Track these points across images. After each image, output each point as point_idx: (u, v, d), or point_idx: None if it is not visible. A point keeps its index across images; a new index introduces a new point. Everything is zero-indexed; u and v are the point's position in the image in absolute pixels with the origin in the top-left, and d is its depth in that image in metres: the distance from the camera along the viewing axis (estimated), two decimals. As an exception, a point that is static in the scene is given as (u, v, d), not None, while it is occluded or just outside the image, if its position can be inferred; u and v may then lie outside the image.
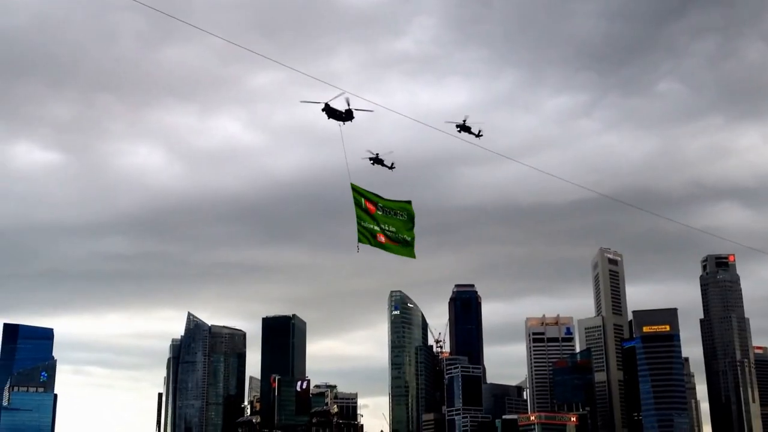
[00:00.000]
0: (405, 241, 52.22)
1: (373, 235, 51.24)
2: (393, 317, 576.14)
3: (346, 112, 72.24)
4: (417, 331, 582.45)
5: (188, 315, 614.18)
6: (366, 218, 50.83)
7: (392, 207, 52.09)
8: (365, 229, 50.86)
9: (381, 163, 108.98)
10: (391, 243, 51.82)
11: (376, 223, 51.26)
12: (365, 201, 51.08)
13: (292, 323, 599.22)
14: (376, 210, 51.28)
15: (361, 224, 50.69)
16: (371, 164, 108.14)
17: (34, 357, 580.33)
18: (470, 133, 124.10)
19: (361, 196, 51.11)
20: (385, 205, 51.67)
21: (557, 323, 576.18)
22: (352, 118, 73.12)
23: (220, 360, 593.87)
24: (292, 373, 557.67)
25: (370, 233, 51.12)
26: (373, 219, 51.17)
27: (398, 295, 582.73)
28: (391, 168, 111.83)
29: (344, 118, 72.30)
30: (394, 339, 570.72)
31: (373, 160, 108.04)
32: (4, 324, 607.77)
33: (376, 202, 51.46)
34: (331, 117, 72.23)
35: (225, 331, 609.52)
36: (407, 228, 52.43)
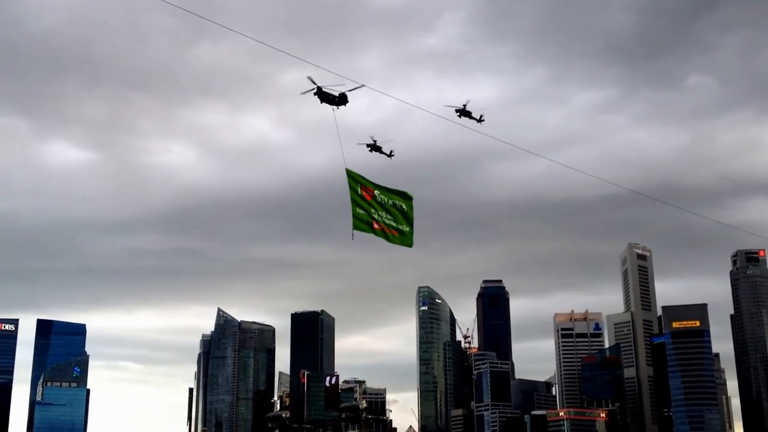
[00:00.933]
0: (402, 231, 50.29)
1: (369, 223, 49.31)
2: (421, 313, 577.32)
3: (339, 96, 70.29)
4: (445, 326, 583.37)
5: (218, 311, 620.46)
6: (363, 204, 49.11)
7: (390, 195, 50.36)
8: (361, 215, 49.06)
9: (379, 150, 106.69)
10: (388, 231, 49.97)
11: (373, 210, 49.44)
12: (361, 187, 49.40)
13: (320, 319, 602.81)
14: (373, 197, 49.57)
15: (357, 211, 48.91)
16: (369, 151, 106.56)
17: (67, 352, 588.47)
18: (471, 118, 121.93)
19: (356, 182, 49.32)
20: (382, 193, 49.95)
21: (586, 319, 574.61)
22: (346, 102, 70.68)
23: (249, 355, 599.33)
24: (321, 369, 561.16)
25: (366, 220, 49.25)
26: (370, 206, 49.37)
27: (426, 290, 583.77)
28: (389, 156, 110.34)
29: (338, 102, 70.27)
30: (422, 334, 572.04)
31: (371, 147, 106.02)
32: (38, 320, 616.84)
33: (374, 189, 49.79)
34: (324, 101, 70.40)
35: (254, 326, 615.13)
36: (405, 217, 50.52)
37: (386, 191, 50.17)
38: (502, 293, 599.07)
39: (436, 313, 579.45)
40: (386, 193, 50.10)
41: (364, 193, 49.11)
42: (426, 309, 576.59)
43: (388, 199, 50.08)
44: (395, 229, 49.97)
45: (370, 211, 49.20)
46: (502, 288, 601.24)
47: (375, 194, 49.53)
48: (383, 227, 49.54)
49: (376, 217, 49.32)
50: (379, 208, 49.56)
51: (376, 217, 49.38)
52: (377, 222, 49.31)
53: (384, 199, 49.83)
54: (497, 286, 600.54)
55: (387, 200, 49.97)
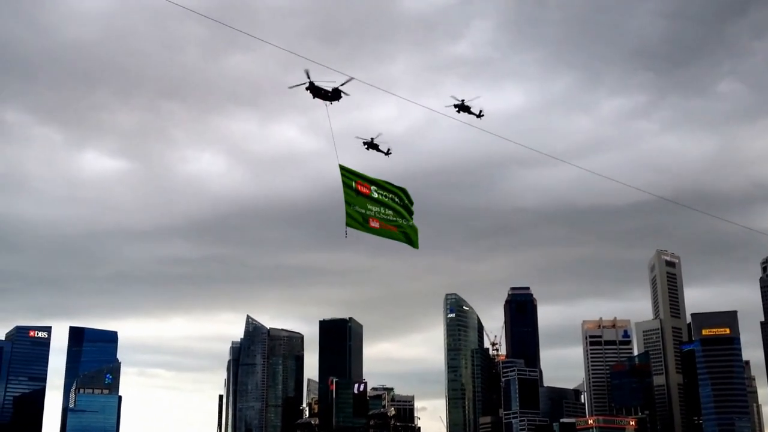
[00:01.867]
0: (403, 227, 48.42)
1: (366, 220, 46.79)
2: (449, 320, 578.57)
3: (333, 91, 68.19)
4: (473, 333, 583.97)
5: (247, 318, 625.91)
6: (357, 201, 46.68)
7: (389, 190, 48.32)
8: (356, 212, 46.53)
9: (376, 148, 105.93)
10: (386, 228, 47.62)
11: (370, 206, 47.12)
12: (356, 183, 46.99)
13: (348, 326, 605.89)
14: (370, 192, 47.29)
15: (351, 207, 46.38)
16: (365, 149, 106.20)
17: (99, 359, 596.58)
18: (470, 113, 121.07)
19: (351, 179, 46.94)
20: (380, 188, 47.86)
21: (614, 326, 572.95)
22: (340, 98, 68.59)
23: (278, 362, 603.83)
24: (349, 376, 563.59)
25: (361, 217, 46.67)
26: (366, 202, 47.00)
27: (453, 297, 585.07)
28: (387, 154, 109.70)
29: (330, 97, 68.28)
30: (450, 342, 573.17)
31: (368, 145, 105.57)
32: (70, 327, 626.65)
33: (371, 183, 47.54)
34: (317, 96, 68.23)
35: (283, 333, 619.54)
36: (406, 214, 48.74)
37: (384, 187, 48.45)
38: (530, 300, 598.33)
39: (463, 321, 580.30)
40: (384, 188, 48.38)
41: (360, 188, 47.25)
42: (453, 316, 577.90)
43: (387, 194, 48.35)
44: (395, 225, 48.17)
45: (366, 207, 47.22)
46: (529, 295, 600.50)
47: (372, 190, 47.66)
48: (381, 224, 47.55)
49: (372, 213, 47.25)
50: (376, 204, 47.53)
51: (373, 213, 47.29)
52: (374, 219, 47.32)
53: (382, 195, 48.04)
54: (525, 293, 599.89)
55: (386, 195, 48.21)
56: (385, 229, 47.76)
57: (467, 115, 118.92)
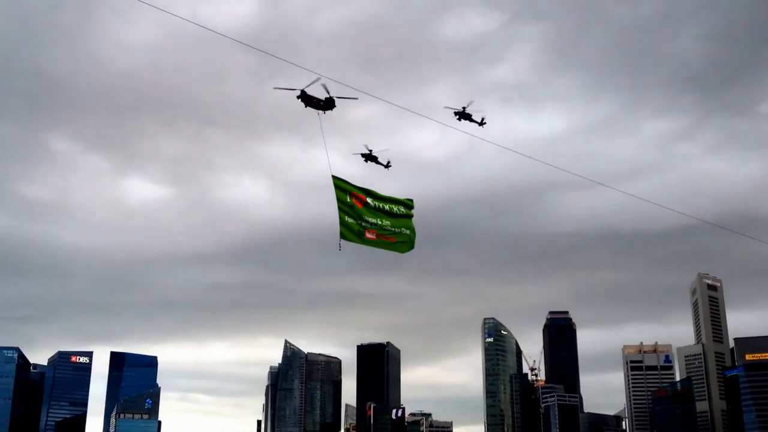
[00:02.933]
0: (400, 235, 46.55)
1: (361, 232, 44.98)
2: (487, 345, 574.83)
3: (326, 100, 65.54)
4: (511, 358, 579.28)
5: (285, 343, 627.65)
6: (352, 212, 45.02)
7: (386, 201, 46.36)
8: (351, 224, 44.86)
9: (375, 161, 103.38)
10: (383, 239, 45.71)
11: (365, 217, 45.37)
12: (351, 194, 45.31)
13: (386, 351, 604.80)
14: (364, 204, 45.53)
15: (346, 219, 44.70)
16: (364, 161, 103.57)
17: (140, 384, 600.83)
18: (472, 121, 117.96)
19: (345, 190, 45.25)
20: (376, 199, 45.96)
21: (656, 351, 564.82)
22: (333, 107, 65.73)
23: (316, 387, 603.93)
24: (387, 401, 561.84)
25: (356, 230, 44.86)
26: (361, 213, 45.29)
27: (492, 322, 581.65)
28: (386, 167, 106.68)
29: (323, 106, 65.58)
30: (488, 367, 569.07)
31: (366, 157, 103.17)
32: (112, 352, 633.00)
33: (365, 196, 45.79)
34: (309, 105, 65.75)
35: (321, 358, 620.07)
36: (404, 222, 46.71)
37: (381, 198, 46.62)
38: (569, 325, 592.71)
39: (502, 345, 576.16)
40: (381, 199, 46.53)
41: (355, 200, 45.50)
42: (492, 341, 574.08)
43: (384, 204, 46.46)
44: (392, 235, 46.36)
45: (362, 218, 45.40)
46: (568, 319, 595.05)
47: (367, 201, 45.86)
48: (378, 235, 45.78)
49: (368, 224, 45.58)
50: (372, 215, 45.80)
51: (369, 224, 45.62)
52: (370, 230, 45.60)
53: (378, 205, 46.18)
54: (564, 318, 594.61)
55: (382, 205, 46.34)
56: (381, 240, 46.17)
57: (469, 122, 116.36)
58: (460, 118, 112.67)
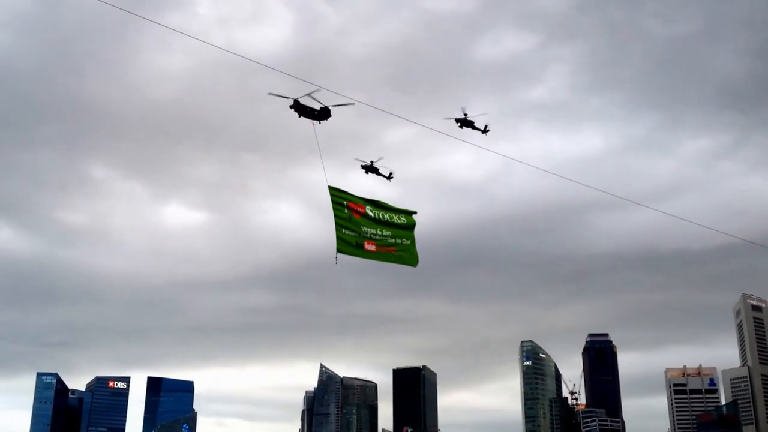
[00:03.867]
0: (403, 247, 44.85)
1: (360, 244, 43.29)
2: (525, 368, 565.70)
3: (321, 109, 64.15)
4: (550, 382, 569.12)
5: (320, 367, 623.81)
6: (350, 224, 43.22)
7: (387, 210, 44.81)
8: (348, 236, 43.01)
9: (376, 172, 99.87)
10: (384, 250, 44.07)
11: (365, 227, 43.66)
12: (349, 204, 43.50)
13: (422, 374, 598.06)
14: (364, 213, 43.83)
15: (343, 231, 42.83)
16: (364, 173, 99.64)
17: (176, 409, 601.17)
18: (474, 128, 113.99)
19: (342, 200, 43.47)
20: (376, 208, 44.28)
21: (700, 374, 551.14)
22: (328, 117, 64.48)
23: (352, 412, 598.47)
24: (424, 425, 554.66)
25: (354, 241, 43.12)
26: (360, 224, 43.58)
27: (529, 345, 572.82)
28: (389, 178, 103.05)
29: (318, 116, 64.20)
30: (527, 390, 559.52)
31: (367, 169, 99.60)
32: (149, 377, 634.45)
33: (365, 205, 44.04)
34: (303, 115, 64.13)
35: (357, 382, 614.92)
36: (405, 233, 44.95)
37: (382, 207, 44.86)
38: (609, 347, 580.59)
39: (540, 369, 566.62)
40: (382, 208, 44.79)
41: (353, 211, 43.79)
42: (530, 364, 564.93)
43: (384, 213, 44.68)
44: (393, 246, 44.58)
45: (361, 230, 43.58)
46: (608, 342, 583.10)
47: (366, 211, 44.15)
48: (377, 246, 44.03)
49: (368, 236, 43.80)
50: (371, 225, 44.05)
51: (369, 235, 43.87)
52: (369, 241, 43.79)
53: (378, 215, 44.41)
54: (604, 340, 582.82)
55: (382, 215, 44.53)
56: (382, 251, 44.41)
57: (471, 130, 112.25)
58: (462, 125, 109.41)
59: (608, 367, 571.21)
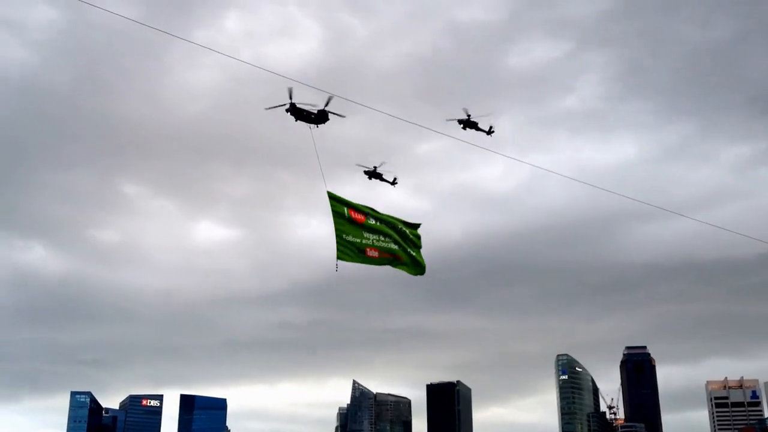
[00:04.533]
0: (409, 254, 42.69)
1: (361, 250, 41.64)
2: (561, 382, 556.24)
3: (318, 113, 63.51)
4: (588, 396, 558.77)
5: (353, 383, 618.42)
6: (351, 230, 41.42)
7: (390, 220, 42.77)
8: (349, 243, 41.16)
9: (379, 178, 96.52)
10: (387, 257, 42.44)
11: (366, 234, 41.90)
12: (349, 210, 41.66)
13: (456, 390, 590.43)
14: (365, 220, 41.89)
15: (343, 238, 40.99)
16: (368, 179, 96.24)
17: (209, 427, 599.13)
18: (479, 129, 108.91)
19: (342, 206, 41.63)
20: (379, 217, 42.30)
21: (741, 386, 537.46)
22: (326, 120, 63.61)
23: (386, 428, 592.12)
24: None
25: (356, 247, 41.46)
26: (362, 230, 41.92)
27: (565, 358, 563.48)
28: (393, 183, 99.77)
29: (315, 119, 63.78)
30: (563, 405, 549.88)
31: (370, 174, 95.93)
32: (182, 395, 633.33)
33: (367, 212, 42.13)
34: (300, 119, 63.97)
35: (390, 398, 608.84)
36: (410, 242, 42.84)
37: (382, 218, 42.86)
38: (647, 360, 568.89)
39: (577, 383, 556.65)
40: (383, 215, 42.91)
41: (354, 216, 41.91)
42: (566, 378, 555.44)
43: (387, 220, 42.82)
44: (397, 254, 42.74)
45: (362, 236, 41.83)
46: (646, 354, 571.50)
47: (368, 217, 42.34)
48: (380, 252, 42.18)
49: (370, 242, 41.98)
50: (374, 232, 42.31)
51: (371, 242, 42.03)
52: (372, 248, 41.94)
53: (380, 223, 42.54)
54: (641, 353, 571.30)
55: (385, 223, 42.70)
56: (384, 257, 42.61)
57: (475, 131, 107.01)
58: (465, 126, 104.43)
59: (647, 380, 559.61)
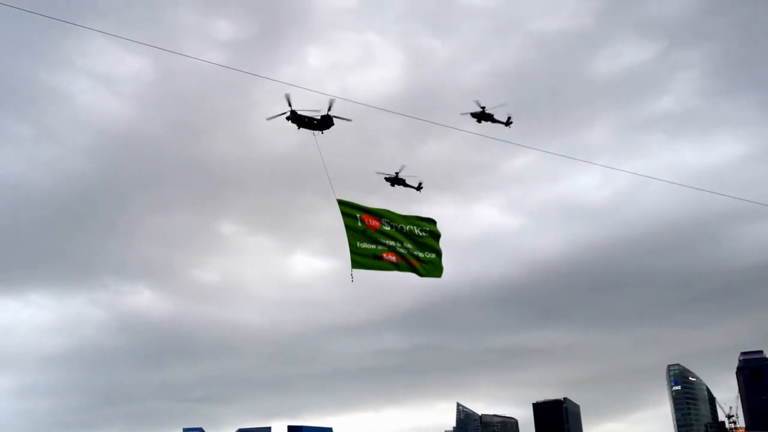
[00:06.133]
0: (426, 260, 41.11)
1: (377, 257, 40.66)
2: (674, 393, 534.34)
3: (321, 118, 62.00)
4: (704, 406, 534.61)
5: (457, 405, 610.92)
6: (365, 237, 40.24)
7: (405, 220, 41.32)
8: (364, 251, 40.06)
9: (403, 184, 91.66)
10: (405, 262, 41.02)
11: (383, 239, 40.76)
12: (363, 216, 40.53)
13: (564, 407, 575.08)
14: (380, 225, 40.56)
15: (358, 246, 39.88)
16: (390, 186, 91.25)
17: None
18: (495, 121, 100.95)
19: (355, 213, 40.51)
20: (394, 219, 40.82)
21: None
22: (330, 126, 62.12)
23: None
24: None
25: (372, 254, 40.46)
26: (377, 236, 40.74)
27: (677, 368, 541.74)
28: (418, 189, 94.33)
29: (318, 125, 62.06)
30: (678, 417, 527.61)
31: (392, 181, 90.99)
32: (289, 426, 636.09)
33: (381, 216, 40.76)
34: (302, 126, 62.15)
35: (496, 419, 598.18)
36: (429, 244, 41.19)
37: (400, 218, 41.06)
38: (765, 365, 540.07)
39: (691, 393, 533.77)
40: (401, 219, 41.01)
41: (369, 221, 40.59)
42: (679, 388, 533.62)
43: (404, 224, 41.03)
44: (416, 259, 40.97)
45: (378, 242, 40.41)
46: (764, 359, 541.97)
47: (383, 222, 40.75)
48: (398, 257, 40.51)
49: (386, 248, 40.49)
50: (390, 238, 40.74)
51: (387, 247, 40.52)
52: (389, 252, 40.40)
53: (397, 226, 40.79)
54: (759, 358, 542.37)
55: (402, 226, 40.90)
56: (403, 263, 41.36)
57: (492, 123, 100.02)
58: (479, 120, 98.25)
59: (766, 385, 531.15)
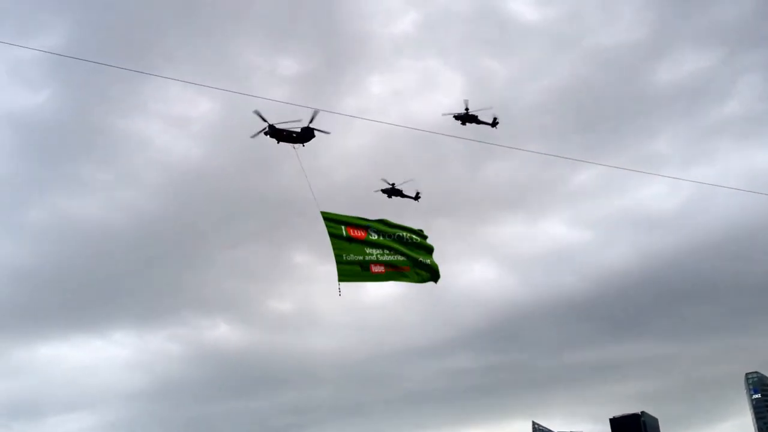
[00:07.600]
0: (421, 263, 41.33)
1: (365, 267, 40.31)
2: (754, 402, 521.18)
3: (301, 131, 59.15)
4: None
5: (533, 424, 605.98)
6: (351, 249, 40.02)
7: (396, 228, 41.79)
8: (350, 263, 39.84)
9: (400, 194, 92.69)
10: (395, 270, 41.17)
11: (369, 250, 40.69)
12: (347, 228, 40.55)
13: (642, 421, 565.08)
14: (366, 236, 40.64)
15: (344, 258, 39.63)
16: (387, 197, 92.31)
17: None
18: (480, 123, 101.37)
19: (340, 225, 40.56)
20: (380, 229, 40.98)
21: None
22: (311, 138, 59.49)
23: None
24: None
25: (359, 267, 40.14)
26: (363, 247, 40.65)
27: (756, 376, 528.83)
28: (416, 199, 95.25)
29: (298, 138, 59.17)
30: (760, 426, 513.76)
31: (389, 193, 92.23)
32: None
33: (367, 226, 40.90)
34: (281, 141, 59.06)
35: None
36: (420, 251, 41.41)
37: (390, 225, 41.71)
38: None
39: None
40: (391, 226, 41.70)
41: (353, 232, 40.93)
42: (759, 397, 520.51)
43: (394, 231, 41.58)
44: (405, 264, 41.39)
45: (364, 253, 40.69)
46: None
47: (369, 232, 41.17)
48: (387, 266, 40.78)
49: (374, 258, 40.65)
50: (376, 247, 41.06)
51: (375, 257, 40.68)
52: (376, 263, 40.53)
53: (384, 235, 41.28)
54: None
55: (392, 232, 41.44)
56: (392, 272, 41.61)
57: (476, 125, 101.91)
58: (463, 122, 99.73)
59: None
